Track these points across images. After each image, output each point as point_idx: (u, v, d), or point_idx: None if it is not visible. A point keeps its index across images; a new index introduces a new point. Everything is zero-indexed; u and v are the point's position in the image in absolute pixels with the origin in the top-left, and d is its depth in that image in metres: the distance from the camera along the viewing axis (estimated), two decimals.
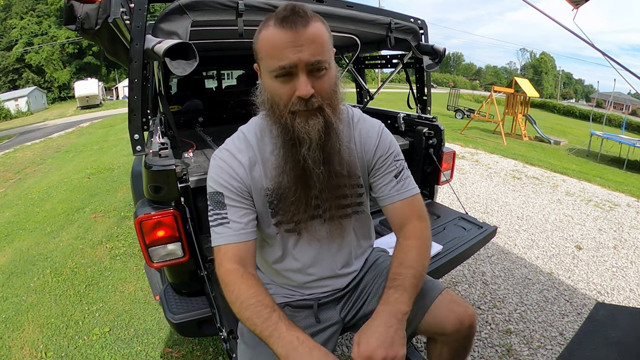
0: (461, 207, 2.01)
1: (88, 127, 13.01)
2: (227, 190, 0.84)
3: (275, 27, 0.72)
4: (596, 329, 1.24)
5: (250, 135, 0.88)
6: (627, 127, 13.94)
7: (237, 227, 0.84)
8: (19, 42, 33.90)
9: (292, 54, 0.71)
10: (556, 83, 69.60)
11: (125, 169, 5.15)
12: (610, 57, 1.39)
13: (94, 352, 1.75)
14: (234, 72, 4.38)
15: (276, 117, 0.78)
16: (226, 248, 0.83)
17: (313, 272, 0.96)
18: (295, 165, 0.80)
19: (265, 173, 0.86)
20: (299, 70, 0.72)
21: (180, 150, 1.76)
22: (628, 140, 8.67)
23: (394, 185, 0.92)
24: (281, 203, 0.86)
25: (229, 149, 0.88)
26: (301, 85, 0.72)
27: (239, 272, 0.80)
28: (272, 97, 0.77)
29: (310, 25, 0.72)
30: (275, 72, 0.73)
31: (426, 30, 1.97)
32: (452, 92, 15.66)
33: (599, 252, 2.78)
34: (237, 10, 1.27)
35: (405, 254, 0.86)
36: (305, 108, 0.74)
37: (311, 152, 0.78)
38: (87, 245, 2.90)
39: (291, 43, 0.71)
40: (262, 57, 0.76)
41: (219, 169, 0.86)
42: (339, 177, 0.85)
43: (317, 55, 0.72)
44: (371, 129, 0.93)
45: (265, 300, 0.76)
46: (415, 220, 0.91)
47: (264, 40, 0.74)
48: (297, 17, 0.71)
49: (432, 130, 2.02)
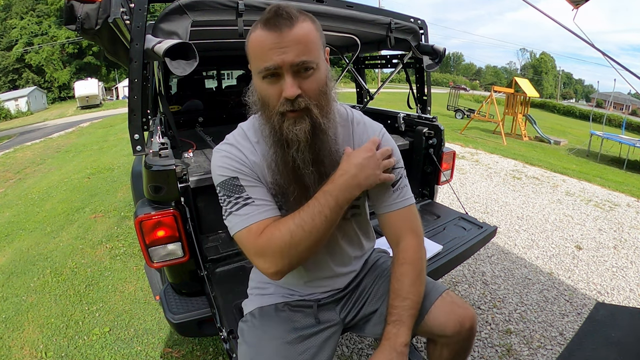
0: (461, 207, 2.02)
1: (88, 127, 13.01)
2: (241, 173, 0.83)
3: (261, 29, 0.72)
4: (596, 329, 1.24)
5: (249, 132, 0.89)
6: (627, 127, 13.94)
7: (263, 204, 0.82)
8: (19, 42, 33.90)
9: (276, 56, 0.71)
10: (556, 83, 69.62)
11: (125, 169, 5.15)
12: (610, 57, 1.39)
13: (94, 352, 1.75)
14: (234, 72, 4.38)
15: (267, 118, 0.79)
16: (259, 225, 0.79)
17: (311, 272, 0.96)
18: (286, 165, 0.81)
19: (265, 168, 0.86)
20: (284, 71, 0.72)
21: (180, 150, 1.76)
22: (628, 140, 8.67)
23: (391, 195, 0.91)
24: (284, 199, 0.86)
25: (232, 142, 0.88)
26: (287, 86, 0.72)
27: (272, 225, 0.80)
28: (262, 98, 0.78)
29: (295, 26, 0.72)
30: (262, 74, 0.73)
31: (426, 30, 1.97)
32: (452, 92, 15.66)
33: (599, 252, 2.78)
34: (237, 10, 1.27)
35: (401, 283, 0.86)
36: (291, 108, 0.74)
37: (299, 154, 0.78)
38: (87, 245, 2.90)
39: (275, 44, 0.71)
40: (250, 58, 0.77)
41: (227, 158, 0.84)
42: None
43: (302, 56, 0.72)
44: (372, 134, 0.92)
45: (304, 212, 0.78)
46: (409, 236, 0.90)
47: (252, 42, 0.75)
48: (281, 18, 0.71)
49: (432, 130, 2.02)
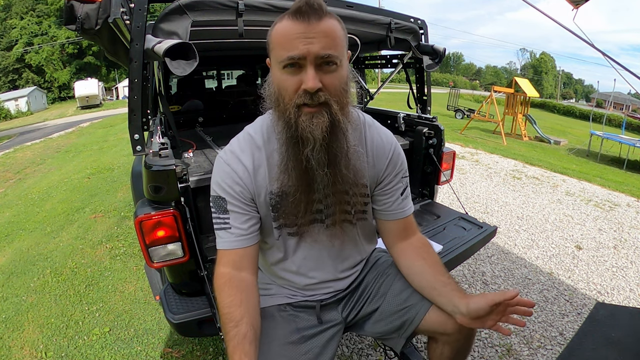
0: (461, 207, 2.02)
1: (88, 127, 13.01)
2: (230, 195, 0.84)
3: (289, 19, 0.72)
4: (596, 329, 1.24)
5: (256, 135, 0.86)
6: (627, 127, 13.93)
7: (238, 233, 0.85)
8: (19, 42, 33.89)
9: (302, 45, 0.69)
10: (556, 83, 69.60)
11: (125, 169, 5.15)
12: (610, 57, 1.39)
13: (94, 352, 1.75)
14: (234, 72, 4.37)
15: (281, 111, 0.76)
16: (224, 253, 0.86)
17: (314, 275, 0.96)
18: (298, 165, 0.78)
19: (269, 175, 0.85)
20: (307, 62, 0.71)
21: (180, 150, 1.75)
22: (628, 140, 8.67)
23: (399, 204, 0.93)
24: (283, 205, 0.85)
25: (234, 150, 0.86)
26: (308, 78, 0.70)
27: (225, 278, 0.83)
28: (279, 90, 0.75)
29: (324, 19, 0.71)
30: (284, 63, 0.72)
31: (426, 30, 1.96)
32: (452, 92, 15.66)
33: (599, 252, 2.78)
34: (237, 10, 1.27)
35: (439, 264, 0.93)
36: (310, 101, 0.72)
37: (315, 153, 0.75)
38: (87, 245, 2.90)
39: (302, 34, 0.70)
40: (272, 47, 0.75)
41: (223, 173, 0.85)
42: (345, 181, 0.82)
43: (327, 49, 0.71)
44: (385, 143, 0.92)
45: (235, 314, 0.79)
46: (412, 236, 0.97)
47: (277, 31, 0.74)
48: (311, 9, 0.70)
49: (432, 130, 2.02)
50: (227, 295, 0.81)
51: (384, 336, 0.99)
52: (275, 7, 1.33)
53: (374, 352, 1.71)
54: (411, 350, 1.11)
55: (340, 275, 0.98)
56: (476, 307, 0.77)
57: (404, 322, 0.93)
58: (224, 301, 0.81)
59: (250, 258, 0.87)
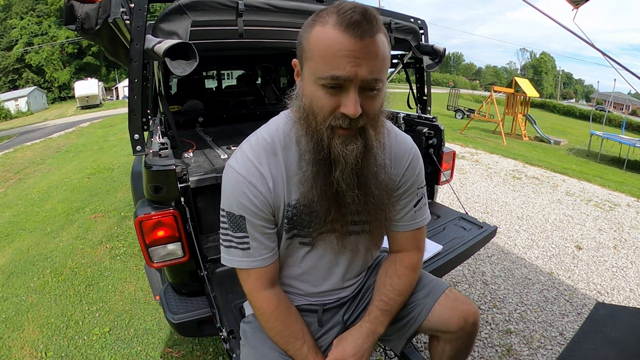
0: (461, 207, 2.02)
1: (88, 127, 13.01)
2: (250, 212, 0.76)
3: (338, 29, 0.62)
4: (596, 329, 1.24)
5: (274, 140, 0.78)
6: (627, 127, 13.94)
7: (264, 252, 0.80)
8: (19, 42, 33.91)
9: (350, 66, 0.61)
10: (556, 83, 69.59)
11: (125, 169, 5.15)
12: (610, 57, 1.39)
13: (94, 352, 1.75)
14: (234, 72, 4.38)
15: (311, 129, 0.69)
16: (256, 272, 0.81)
17: (321, 284, 0.93)
18: (327, 187, 0.72)
19: (288, 187, 0.78)
20: (352, 85, 0.63)
21: (180, 150, 1.76)
22: (628, 140, 8.68)
23: (412, 215, 0.89)
24: (300, 218, 0.80)
25: (251, 158, 0.76)
26: (350, 102, 0.63)
27: (274, 304, 0.82)
28: (312, 106, 0.67)
29: (377, 37, 0.63)
30: (325, 81, 0.63)
31: (426, 30, 1.97)
32: (452, 92, 15.66)
33: (599, 252, 2.78)
34: (237, 10, 1.27)
35: (401, 281, 0.89)
36: (348, 126, 0.66)
37: (345, 176, 0.70)
38: (87, 245, 2.90)
39: (352, 52, 0.61)
40: (310, 57, 0.66)
41: (239, 187, 0.75)
42: (378, 200, 0.78)
43: (375, 73, 0.64)
44: (404, 151, 0.87)
45: (296, 331, 0.82)
46: (413, 251, 0.93)
47: (320, 39, 0.64)
48: (367, 24, 0.62)
49: (432, 130, 2.02)
50: (284, 318, 0.82)
51: (384, 337, 0.99)
52: (276, 7, 1.33)
53: (374, 352, 1.71)
54: (411, 350, 1.11)
55: (345, 284, 0.96)
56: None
57: (406, 322, 0.93)
58: (282, 323, 0.82)
59: (277, 270, 0.86)
